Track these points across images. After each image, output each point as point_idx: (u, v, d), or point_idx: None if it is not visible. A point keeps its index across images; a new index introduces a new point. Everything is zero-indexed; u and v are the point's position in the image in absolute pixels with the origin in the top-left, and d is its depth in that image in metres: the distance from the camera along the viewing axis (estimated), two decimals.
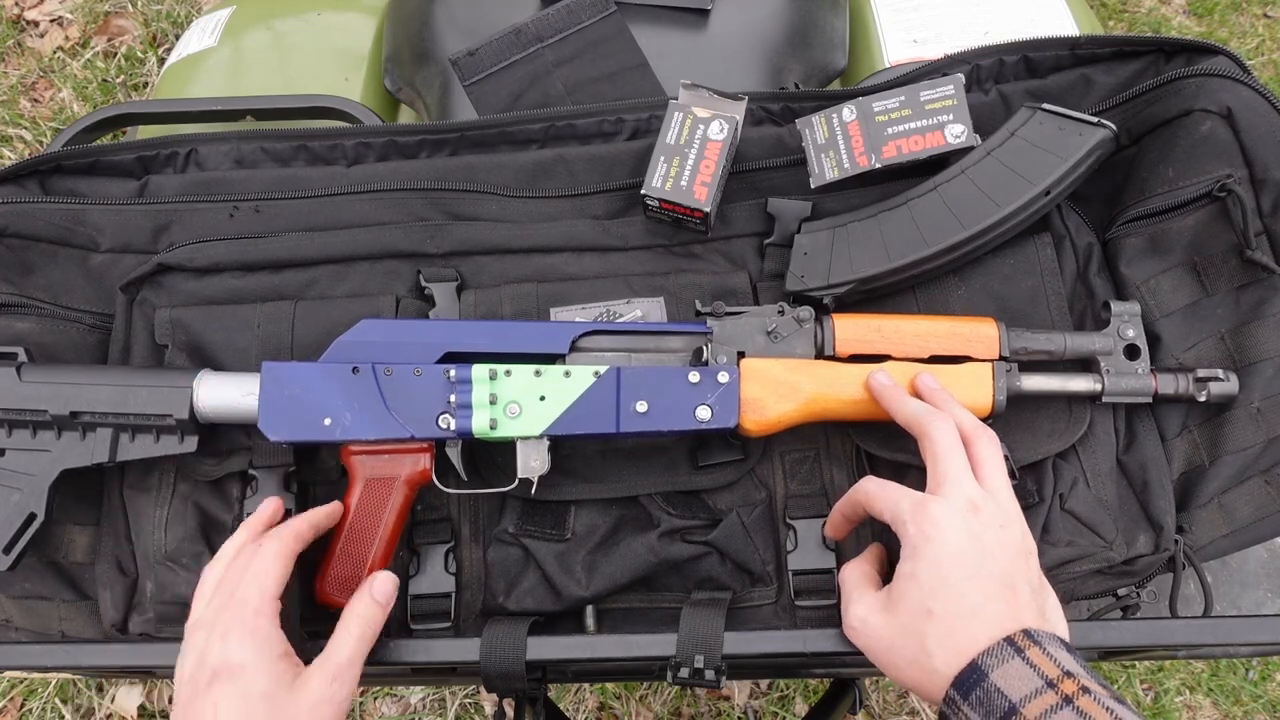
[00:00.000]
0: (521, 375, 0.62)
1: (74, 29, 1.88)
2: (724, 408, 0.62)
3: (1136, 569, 0.64)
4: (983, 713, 0.48)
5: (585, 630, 0.65)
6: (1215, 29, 1.96)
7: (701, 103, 0.71)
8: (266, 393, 0.61)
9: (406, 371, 0.62)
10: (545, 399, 0.62)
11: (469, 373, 0.62)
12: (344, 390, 0.61)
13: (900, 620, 0.53)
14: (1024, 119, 0.67)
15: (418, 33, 0.95)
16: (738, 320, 0.65)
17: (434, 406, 0.61)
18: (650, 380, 0.62)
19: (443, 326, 0.65)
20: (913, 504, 0.55)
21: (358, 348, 0.63)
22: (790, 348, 0.64)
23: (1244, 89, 0.64)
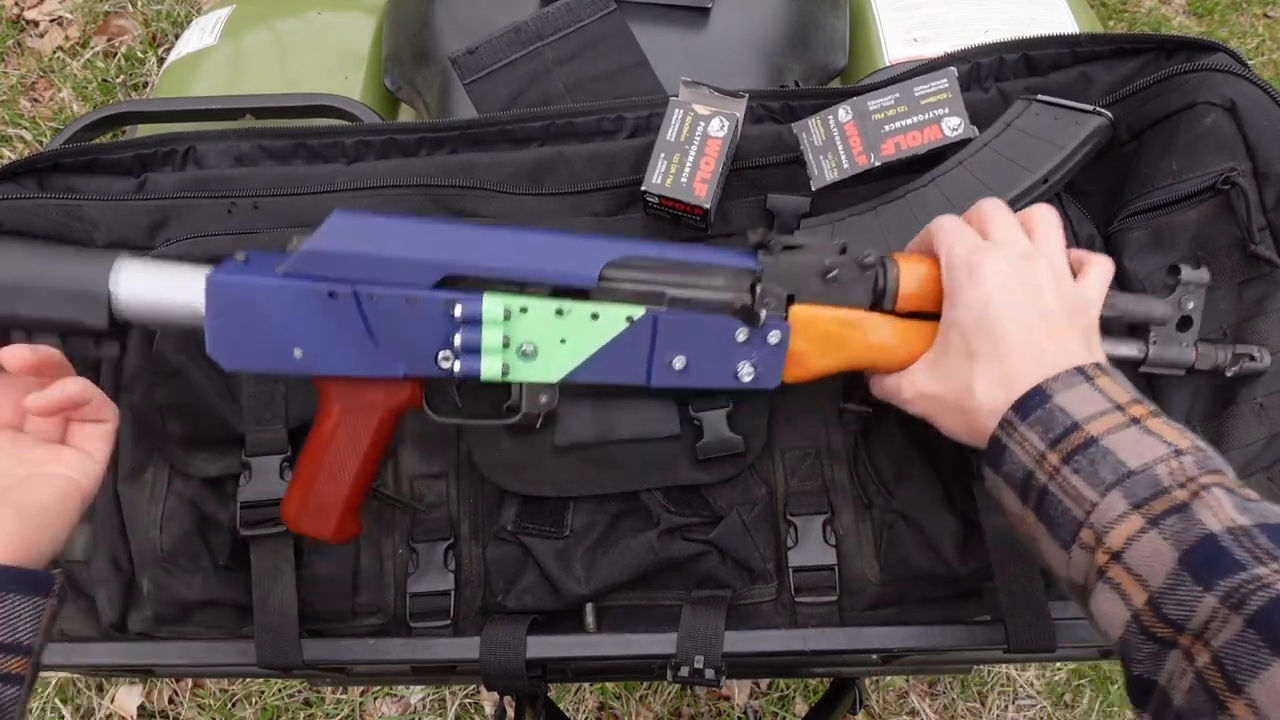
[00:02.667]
0: (540, 313, 0.52)
1: (74, 29, 1.88)
2: (768, 369, 0.55)
3: None
4: (1041, 431, 0.47)
5: (585, 628, 0.65)
6: (1215, 28, 1.96)
7: (702, 100, 0.71)
8: (215, 316, 0.49)
9: (397, 299, 0.50)
10: (566, 342, 0.52)
11: (479, 310, 0.51)
12: (318, 317, 0.50)
13: (945, 370, 0.52)
14: (1020, 110, 0.67)
15: (417, 32, 0.95)
16: (793, 257, 0.56)
17: (432, 342, 0.51)
18: (691, 333, 0.54)
19: (441, 235, 0.51)
20: (968, 248, 0.53)
21: (332, 258, 0.50)
22: (845, 294, 0.57)
23: (1245, 83, 0.64)
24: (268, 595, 0.63)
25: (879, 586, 0.66)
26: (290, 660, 0.61)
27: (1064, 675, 1.39)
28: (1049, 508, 0.46)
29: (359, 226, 0.50)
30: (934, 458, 0.65)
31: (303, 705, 1.37)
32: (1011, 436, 0.48)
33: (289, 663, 0.61)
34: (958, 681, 1.39)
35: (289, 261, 0.49)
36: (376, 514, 0.68)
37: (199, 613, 0.66)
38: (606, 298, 0.53)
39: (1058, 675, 1.39)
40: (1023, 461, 0.48)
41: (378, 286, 0.50)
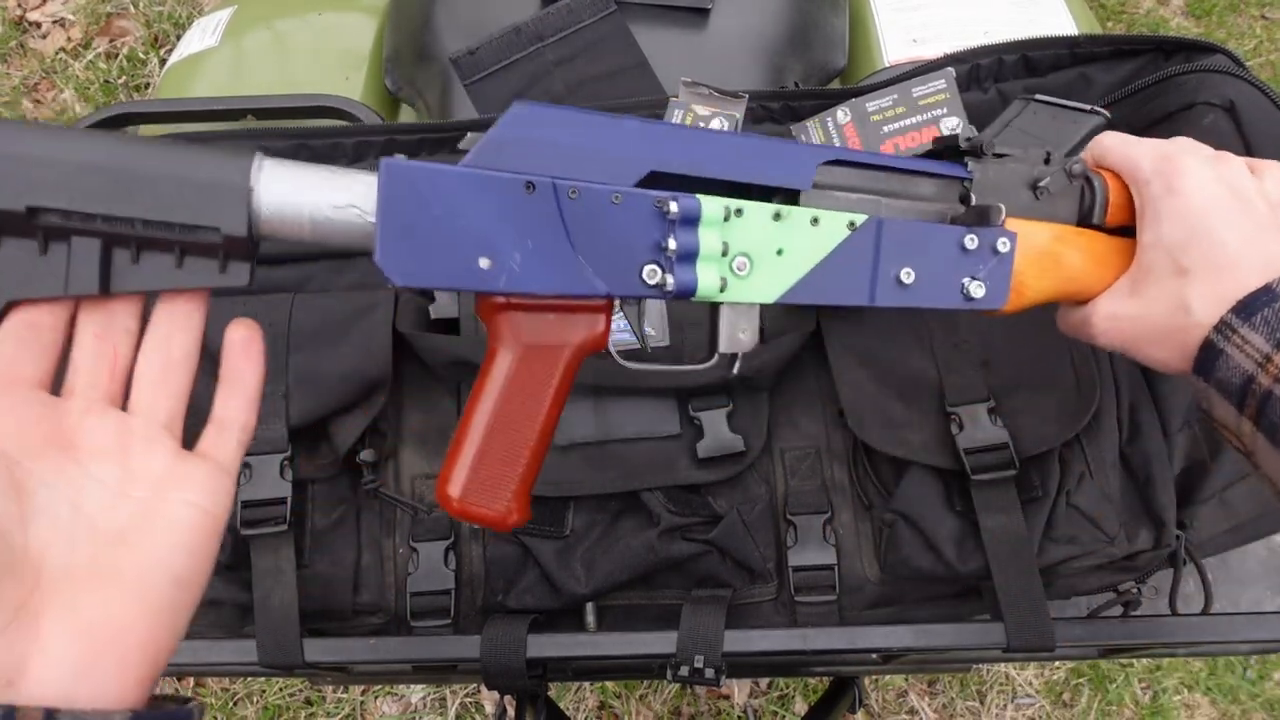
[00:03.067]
0: (757, 218, 0.44)
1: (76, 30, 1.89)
2: (997, 284, 0.49)
3: (1138, 564, 0.64)
4: (1267, 332, 0.42)
5: (585, 628, 0.66)
6: (1213, 30, 1.96)
7: (702, 100, 0.71)
8: (389, 212, 0.39)
9: (601, 195, 0.41)
10: (784, 253, 0.45)
11: (697, 208, 0.43)
12: (512, 216, 0.40)
13: (1150, 294, 0.48)
14: (1018, 110, 0.67)
15: (418, 32, 0.96)
16: (1001, 165, 0.51)
17: (638, 251, 0.43)
18: (918, 240, 0.48)
19: (640, 130, 0.43)
20: (1156, 155, 0.48)
21: (521, 147, 0.41)
22: (1054, 208, 0.52)
23: (1244, 84, 0.64)
24: (269, 595, 0.63)
25: (878, 586, 0.66)
26: (291, 659, 0.62)
27: (1062, 674, 1.40)
28: (1273, 414, 0.42)
29: (547, 116, 0.41)
30: None
31: (304, 704, 1.37)
32: (1230, 340, 0.44)
33: (290, 662, 0.62)
34: (957, 680, 1.39)
35: (472, 154, 0.41)
36: (377, 513, 0.68)
37: (200, 612, 0.66)
38: (818, 204, 0.47)
39: (1056, 674, 1.40)
40: (1241, 365, 0.43)
41: (577, 181, 0.41)
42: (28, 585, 0.32)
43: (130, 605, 0.33)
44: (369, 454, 0.66)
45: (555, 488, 0.66)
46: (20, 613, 0.31)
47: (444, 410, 0.69)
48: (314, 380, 0.65)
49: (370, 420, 0.66)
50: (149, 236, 0.36)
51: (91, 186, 0.35)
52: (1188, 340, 0.46)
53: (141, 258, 0.37)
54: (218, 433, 0.39)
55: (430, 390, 0.69)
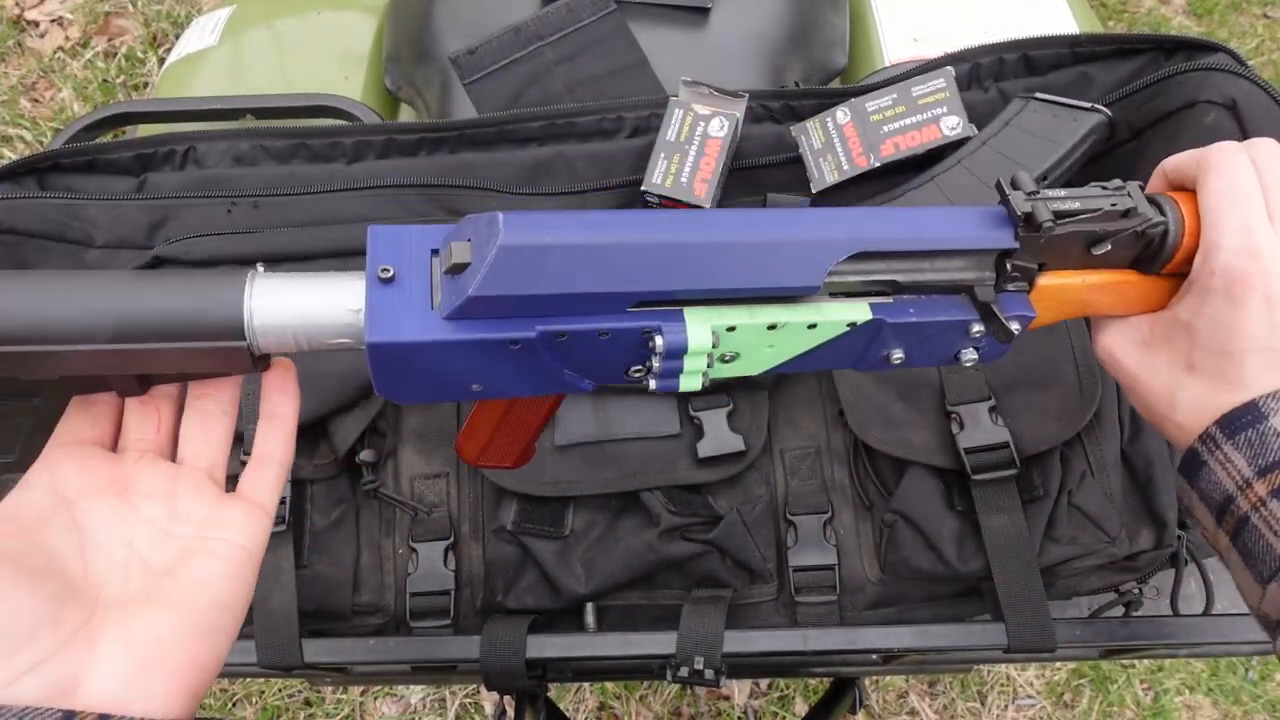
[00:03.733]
0: (750, 331, 0.44)
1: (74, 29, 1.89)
2: (992, 350, 0.48)
3: (1139, 565, 0.64)
4: (1250, 455, 0.41)
5: (585, 628, 0.65)
6: (1215, 29, 1.96)
7: (702, 100, 0.71)
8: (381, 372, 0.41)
9: (588, 335, 0.43)
10: (774, 348, 0.46)
11: (683, 341, 0.43)
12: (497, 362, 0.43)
13: (1155, 362, 0.46)
14: (1018, 109, 0.67)
15: (418, 32, 0.95)
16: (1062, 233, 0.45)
17: (625, 364, 0.45)
18: (919, 333, 0.46)
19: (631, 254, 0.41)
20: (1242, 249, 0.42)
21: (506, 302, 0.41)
22: (1108, 259, 0.46)
23: (1246, 83, 0.64)
24: (268, 595, 0.63)
25: (879, 586, 0.66)
26: (291, 660, 0.61)
27: (1064, 675, 1.39)
28: (1248, 539, 0.41)
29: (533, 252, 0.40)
30: None
31: (303, 705, 1.37)
32: (1213, 454, 0.43)
33: (289, 663, 0.61)
34: (957, 681, 1.39)
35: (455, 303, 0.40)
36: (377, 514, 0.68)
37: None
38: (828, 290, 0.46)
39: (1057, 675, 1.39)
40: (1223, 484, 0.42)
41: (563, 322, 0.42)
42: (87, 610, 0.36)
43: (176, 623, 0.37)
44: (368, 454, 0.66)
45: (555, 488, 0.65)
46: (79, 632, 0.35)
47: (444, 410, 0.69)
48: (313, 380, 0.65)
49: (370, 420, 0.66)
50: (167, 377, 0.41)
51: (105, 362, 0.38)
52: (1164, 429, 0.46)
53: None
54: (258, 469, 0.43)
55: None
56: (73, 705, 0.33)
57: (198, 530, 0.40)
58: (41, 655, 0.34)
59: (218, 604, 0.38)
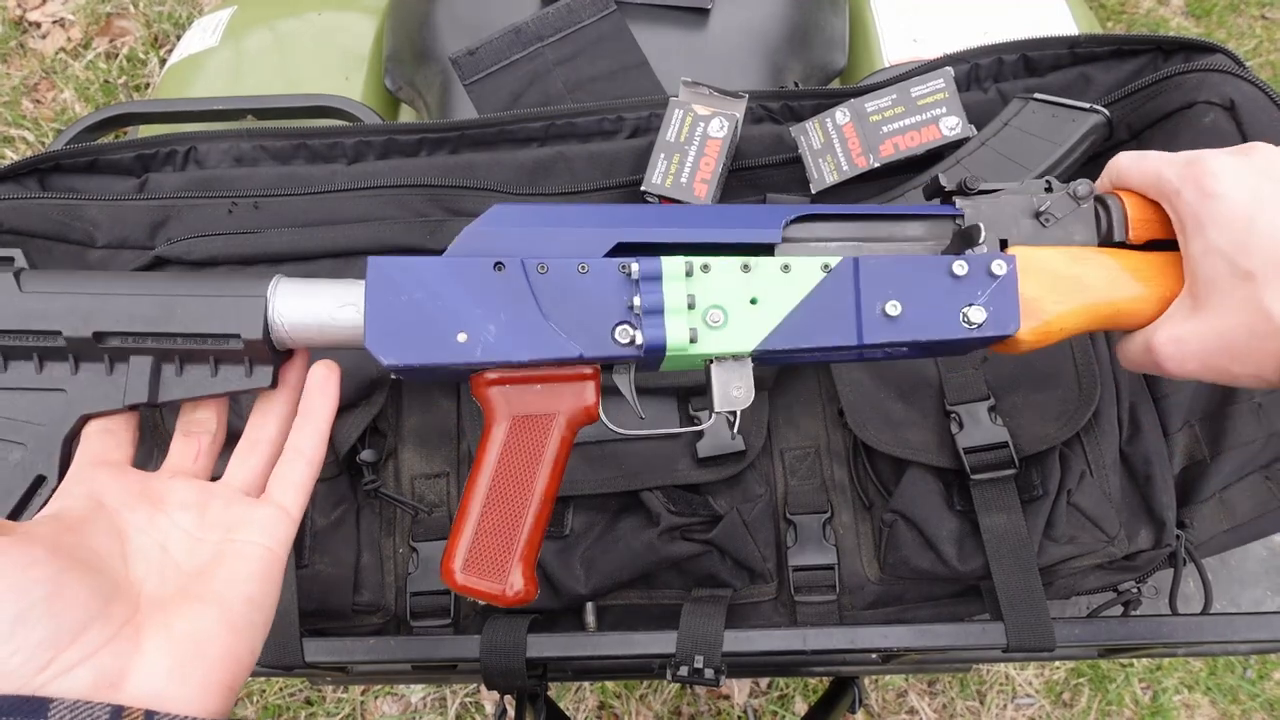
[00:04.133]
0: (724, 270, 0.46)
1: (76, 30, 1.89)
2: (1001, 307, 0.46)
3: (1137, 564, 0.64)
4: None
5: (585, 627, 0.66)
6: (1213, 30, 1.96)
7: (702, 100, 0.71)
8: (375, 298, 0.44)
9: (568, 267, 0.45)
10: (758, 302, 0.46)
11: (658, 266, 0.45)
12: (484, 293, 0.44)
13: (1217, 308, 0.43)
14: (1017, 109, 0.67)
15: (418, 32, 0.96)
16: (995, 200, 0.49)
17: (609, 313, 0.45)
18: (901, 272, 0.46)
19: (610, 212, 0.47)
20: (1179, 162, 0.45)
21: (494, 238, 0.45)
22: (1067, 233, 0.49)
23: (1245, 83, 0.64)
24: None
25: (878, 585, 0.66)
26: (291, 660, 0.61)
27: (1062, 674, 1.40)
28: None
29: (522, 211, 0.46)
30: None
31: (304, 704, 1.37)
32: None
33: (290, 662, 0.62)
34: (956, 680, 1.39)
35: (452, 246, 0.46)
36: (377, 513, 0.68)
37: None
38: (794, 253, 0.47)
39: (1056, 674, 1.40)
40: None
41: (547, 258, 0.45)
42: (131, 607, 0.38)
43: (212, 620, 0.39)
44: (369, 454, 0.66)
45: None
46: (124, 628, 0.37)
47: (444, 410, 0.69)
48: None
49: (370, 420, 0.66)
50: (189, 350, 0.46)
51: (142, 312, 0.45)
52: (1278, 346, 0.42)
53: (184, 370, 0.46)
54: (286, 465, 0.46)
55: (430, 390, 0.70)
56: (120, 700, 0.35)
57: (225, 534, 0.43)
58: (91, 649, 0.36)
59: (249, 601, 0.41)
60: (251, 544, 0.43)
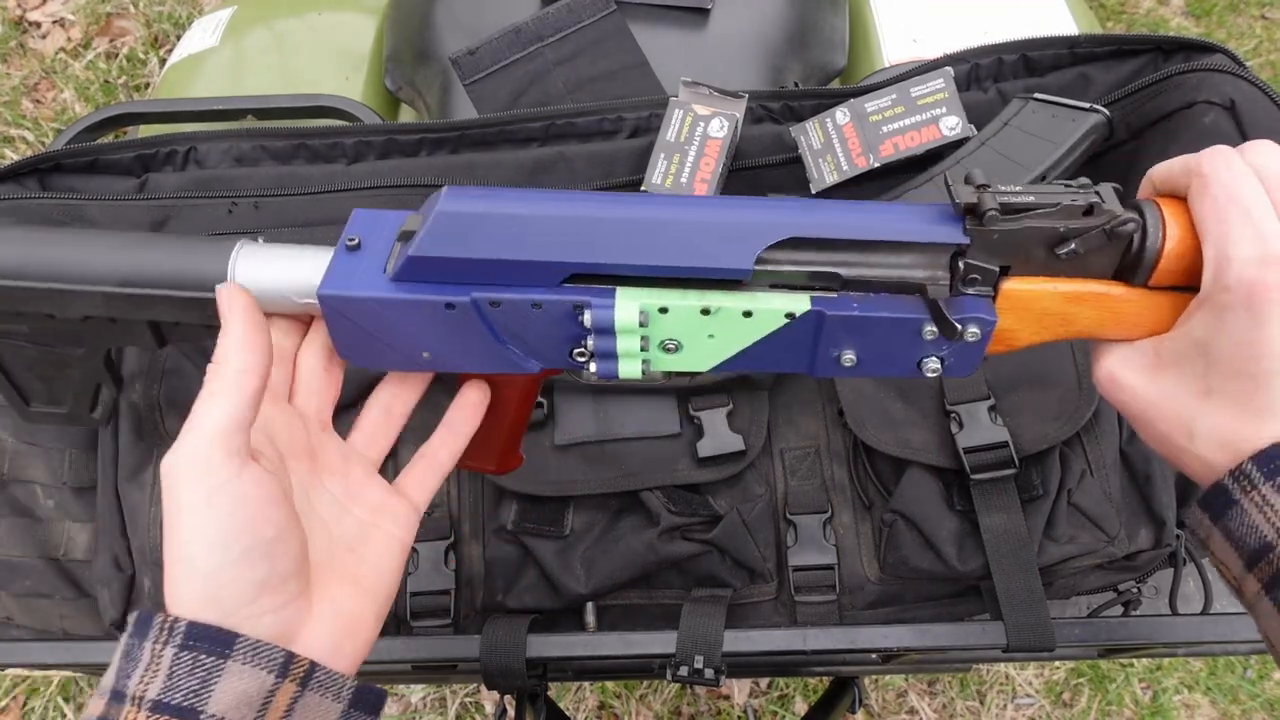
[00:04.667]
0: (682, 314, 0.44)
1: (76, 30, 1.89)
2: (961, 361, 0.45)
3: (1137, 564, 0.64)
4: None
5: (585, 628, 0.66)
6: (1213, 30, 1.96)
7: (702, 100, 0.71)
8: (336, 327, 0.44)
9: (522, 304, 0.44)
10: (715, 337, 0.45)
11: (610, 318, 0.43)
12: (439, 326, 0.44)
13: (1165, 388, 0.42)
14: (1017, 109, 0.67)
15: (418, 32, 0.96)
16: (1016, 226, 0.42)
17: (564, 340, 0.45)
18: (866, 330, 0.44)
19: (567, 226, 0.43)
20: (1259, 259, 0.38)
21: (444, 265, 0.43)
22: (1082, 265, 0.43)
23: (1245, 83, 0.64)
24: None
25: (878, 585, 0.66)
26: None
27: (1062, 674, 1.40)
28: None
29: (473, 221, 0.43)
30: None
31: None
32: (1248, 495, 0.38)
33: None
34: (956, 680, 1.39)
35: (398, 264, 0.43)
36: None
37: None
38: (765, 279, 0.45)
39: (1056, 674, 1.40)
40: (1260, 528, 0.38)
41: (498, 290, 0.43)
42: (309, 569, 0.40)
43: (367, 605, 0.42)
44: None
45: (555, 487, 0.66)
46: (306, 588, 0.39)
47: (444, 409, 0.69)
48: None
49: None
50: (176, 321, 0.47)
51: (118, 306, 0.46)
52: (1181, 461, 0.42)
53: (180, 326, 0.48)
54: (424, 469, 0.48)
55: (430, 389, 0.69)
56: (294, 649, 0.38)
57: (371, 515, 0.44)
58: (282, 601, 0.38)
59: (389, 594, 0.43)
60: (394, 537, 0.44)
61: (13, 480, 0.68)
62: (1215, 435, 0.40)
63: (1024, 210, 0.42)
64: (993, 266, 0.43)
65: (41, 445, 0.68)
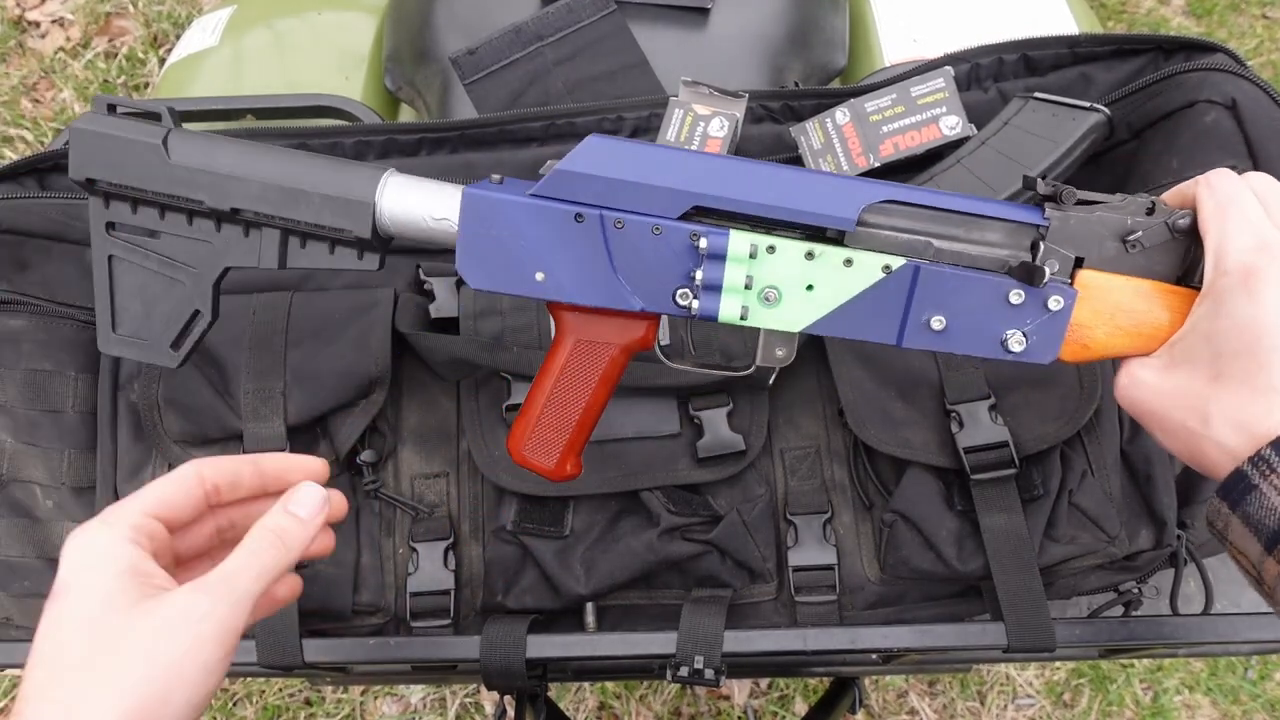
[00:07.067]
0: (788, 255, 0.48)
1: (75, 30, 1.89)
2: (1043, 339, 0.48)
3: (1138, 564, 0.64)
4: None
5: (585, 628, 0.66)
6: (1214, 29, 1.96)
7: (702, 100, 0.71)
8: (467, 231, 0.49)
9: (643, 227, 0.48)
10: (814, 289, 0.48)
11: (724, 245, 0.48)
12: (563, 241, 0.49)
13: (1178, 382, 0.45)
14: (1017, 108, 0.67)
15: (418, 32, 0.95)
16: (1088, 214, 0.48)
17: (672, 277, 0.49)
18: (957, 289, 0.47)
19: (695, 164, 0.49)
20: (1252, 242, 0.43)
21: (582, 181, 0.49)
22: (1149, 263, 0.48)
23: (1246, 83, 0.64)
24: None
25: (878, 586, 0.66)
26: (291, 660, 0.61)
27: (1063, 675, 1.39)
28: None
29: (612, 150, 0.49)
30: None
31: (303, 704, 1.37)
32: (1267, 478, 0.40)
33: (290, 662, 0.61)
34: (957, 681, 1.39)
35: (540, 184, 0.49)
36: (377, 514, 0.68)
37: None
38: (864, 244, 0.48)
39: (1057, 674, 1.39)
40: (1279, 510, 0.40)
41: (625, 213, 0.48)
42: None
43: None
44: (369, 454, 0.66)
45: (555, 487, 0.65)
46: None
47: (443, 410, 0.69)
48: (313, 378, 0.65)
49: (370, 419, 0.66)
50: (310, 232, 0.53)
51: (271, 197, 0.52)
52: (1199, 450, 0.44)
53: (307, 245, 0.54)
54: None
55: (429, 390, 0.69)
56: None
57: None
58: None
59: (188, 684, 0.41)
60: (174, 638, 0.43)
61: (12, 480, 0.68)
62: (1229, 417, 0.42)
63: (1096, 203, 0.47)
64: (1069, 254, 0.47)
65: (41, 445, 0.68)
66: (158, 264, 0.56)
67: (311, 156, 0.53)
